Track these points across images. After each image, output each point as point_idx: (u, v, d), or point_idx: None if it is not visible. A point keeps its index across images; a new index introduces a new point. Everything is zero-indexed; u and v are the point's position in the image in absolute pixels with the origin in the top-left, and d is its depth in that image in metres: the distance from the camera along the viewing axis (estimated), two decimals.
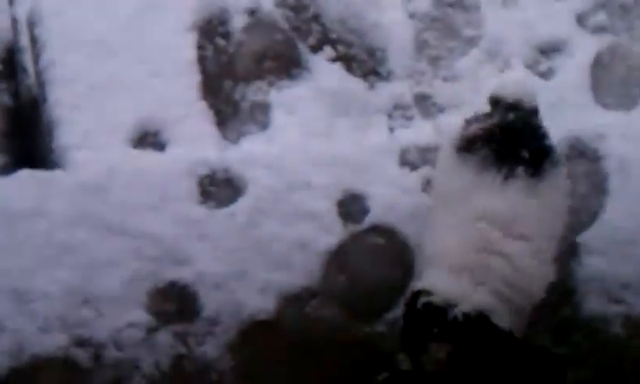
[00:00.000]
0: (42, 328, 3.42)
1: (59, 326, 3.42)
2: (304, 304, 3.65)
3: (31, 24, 4.38)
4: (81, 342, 3.41)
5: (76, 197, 3.69)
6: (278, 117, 4.07)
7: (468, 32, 4.37)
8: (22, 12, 4.66)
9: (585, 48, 4.26)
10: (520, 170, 3.24)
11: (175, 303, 3.54)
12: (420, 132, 4.07)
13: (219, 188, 3.80)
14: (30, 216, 3.63)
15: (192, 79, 4.20)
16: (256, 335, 3.59)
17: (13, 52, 4.83)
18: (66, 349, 3.39)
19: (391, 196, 3.79)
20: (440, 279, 3.09)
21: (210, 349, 3.50)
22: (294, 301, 3.64)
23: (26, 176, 3.78)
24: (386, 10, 4.43)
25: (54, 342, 3.40)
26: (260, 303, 3.61)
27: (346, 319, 3.65)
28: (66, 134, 4.07)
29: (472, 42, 4.32)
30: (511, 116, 3.41)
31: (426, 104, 4.20)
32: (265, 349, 3.55)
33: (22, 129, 4.62)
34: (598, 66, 4.22)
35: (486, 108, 3.57)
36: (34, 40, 4.35)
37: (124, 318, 3.47)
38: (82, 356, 3.39)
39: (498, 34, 4.31)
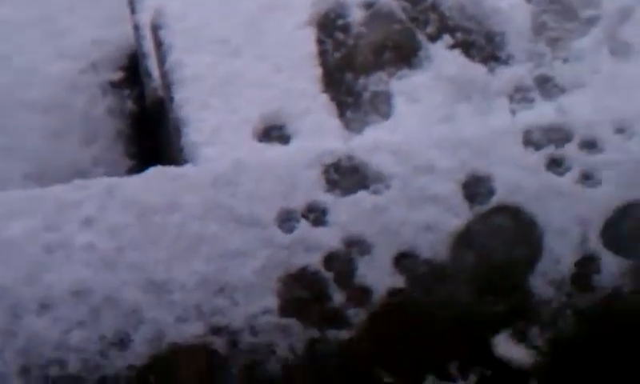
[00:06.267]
0: (179, 317, 3.48)
1: (196, 315, 3.49)
2: (432, 283, 3.65)
3: (155, 28, 4.53)
4: (217, 330, 3.47)
5: (207, 191, 3.77)
6: (399, 105, 4.14)
7: (586, 12, 4.40)
8: (144, 18, 4.83)
9: None
10: None
11: (307, 288, 3.59)
12: (542, 113, 4.09)
13: (345, 176, 3.81)
14: (162, 211, 3.71)
15: (313, 73, 4.32)
16: (386, 316, 3.61)
17: (135, 59, 5.00)
18: (203, 337, 3.46)
19: (516, 176, 3.78)
20: None
21: (343, 332, 3.54)
22: (422, 280, 3.65)
23: (157, 173, 3.87)
24: None
25: (191, 331, 3.46)
26: (389, 284, 3.63)
27: (473, 298, 3.66)
28: (194, 132, 4.20)
29: (591, 22, 4.34)
30: None
31: (546, 86, 4.23)
32: (395, 330, 3.57)
33: (146, 131, 4.76)
34: None
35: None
36: (158, 43, 4.50)
37: (258, 305, 3.52)
38: (219, 343, 3.45)
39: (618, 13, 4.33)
